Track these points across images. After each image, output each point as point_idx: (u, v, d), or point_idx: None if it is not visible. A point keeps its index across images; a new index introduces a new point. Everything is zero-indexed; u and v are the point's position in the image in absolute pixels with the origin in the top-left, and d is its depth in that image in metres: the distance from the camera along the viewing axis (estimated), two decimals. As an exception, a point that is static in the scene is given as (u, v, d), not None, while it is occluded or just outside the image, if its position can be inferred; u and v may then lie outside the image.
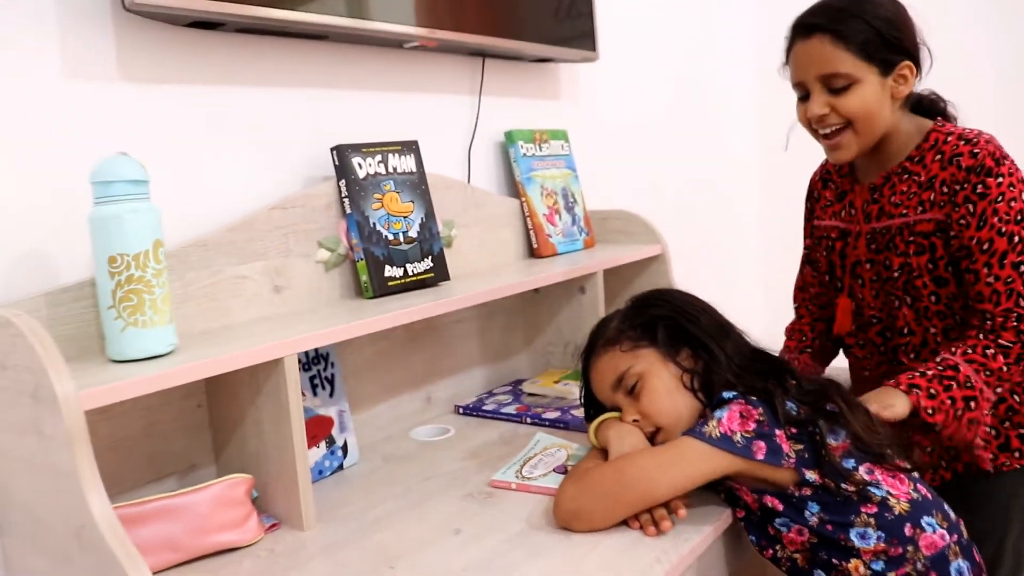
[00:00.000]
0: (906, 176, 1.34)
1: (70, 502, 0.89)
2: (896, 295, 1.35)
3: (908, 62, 1.30)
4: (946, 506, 1.13)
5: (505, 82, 1.87)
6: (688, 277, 2.01)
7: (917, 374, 1.23)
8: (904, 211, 1.33)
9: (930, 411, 1.20)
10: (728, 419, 1.08)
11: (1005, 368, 1.24)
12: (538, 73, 1.98)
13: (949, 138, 1.31)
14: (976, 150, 1.27)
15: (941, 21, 1.42)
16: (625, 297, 1.99)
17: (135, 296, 1.02)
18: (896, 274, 1.34)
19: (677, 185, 2.50)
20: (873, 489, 1.06)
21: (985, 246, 1.25)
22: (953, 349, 1.26)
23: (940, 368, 1.23)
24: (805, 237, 1.58)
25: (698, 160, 2.62)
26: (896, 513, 1.06)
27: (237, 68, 1.34)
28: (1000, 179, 1.25)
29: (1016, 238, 1.24)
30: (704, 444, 1.07)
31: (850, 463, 1.07)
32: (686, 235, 2.38)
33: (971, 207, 1.25)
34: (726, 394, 1.12)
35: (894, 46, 1.28)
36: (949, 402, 1.21)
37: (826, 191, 1.50)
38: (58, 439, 0.89)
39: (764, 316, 2.68)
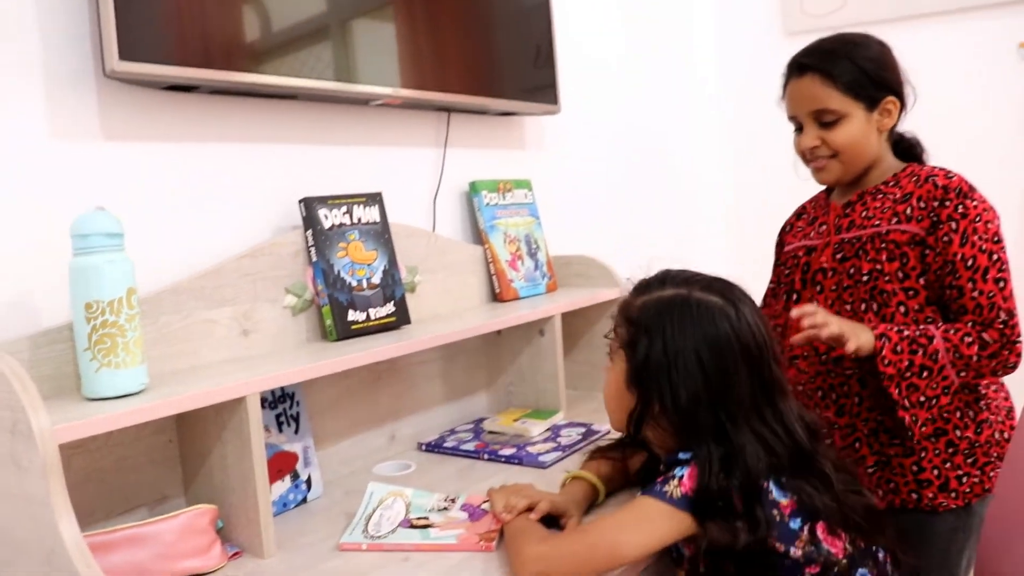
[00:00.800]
0: (880, 195, 1.44)
1: (43, 528, 0.98)
2: (862, 300, 1.40)
3: (892, 97, 1.42)
4: (877, 553, 1.15)
5: (470, 135, 1.98)
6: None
7: (895, 329, 1.32)
8: (876, 222, 1.41)
9: (886, 362, 1.30)
10: (688, 478, 1.09)
11: (975, 358, 1.32)
12: (503, 125, 2.09)
13: (924, 168, 1.44)
14: (951, 174, 1.39)
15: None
16: (586, 338, 2.11)
17: (109, 339, 1.11)
18: (864, 278, 1.40)
19: (640, 231, 2.61)
20: (816, 549, 1.08)
21: (969, 262, 1.33)
22: (938, 324, 1.35)
23: (916, 333, 1.32)
24: (772, 275, 1.66)
25: (660, 206, 2.73)
26: (835, 572, 1.08)
27: (211, 127, 1.45)
28: (975, 203, 1.35)
29: (994, 256, 1.34)
30: (665, 504, 1.08)
31: (796, 523, 1.08)
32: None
33: (954, 224, 1.34)
34: (682, 455, 1.12)
35: (879, 84, 1.41)
36: (906, 364, 1.30)
37: (799, 221, 1.60)
38: (34, 471, 0.97)
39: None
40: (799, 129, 1.47)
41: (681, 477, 1.09)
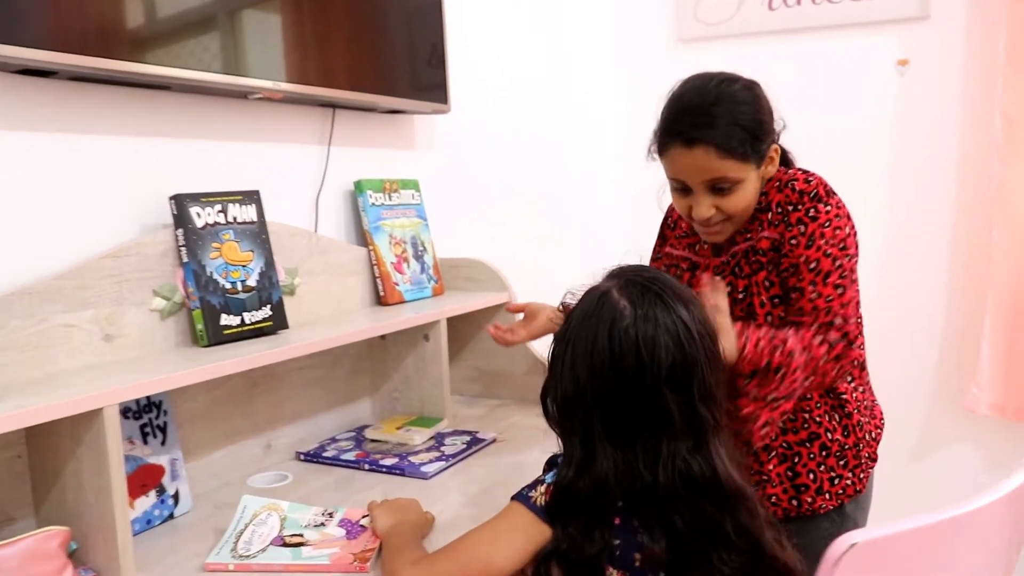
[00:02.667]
0: (755, 216, 1.40)
1: None
2: (738, 318, 1.37)
3: (775, 145, 1.38)
4: None
5: (356, 133, 1.92)
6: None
7: (758, 329, 1.31)
8: (748, 236, 1.40)
9: (748, 359, 1.28)
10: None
11: (822, 361, 1.31)
12: (390, 124, 2.04)
13: (788, 172, 1.41)
14: (810, 179, 1.38)
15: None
16: (473, 345, 2.08)
17: (-55, 347, 1.01)
18: (741, 296, 1.40)
19: (530, 235, 2.60)
20: None
21: (812, 265, 1.33)
22: (790, 329, 1.33)
23: (772, 335, 1.30)
24: (655, 255, 1.64)
25: (549, 210, 2.73)
26: None
27: (72, 116, 1.35)
28: (828, 208, 1.34)
29: (837, 261, 1.33)
30: (530, 513, 1.04)
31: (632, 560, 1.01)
32: (538, 282, 2.47)
33: (803, 228, 1.34)
34: (560, 456, 1.07)
35: (763, 138, 1.35)
36: (764, 363, 1.28)
37: (682, 222, 1.56)
38: None
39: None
40: (683, 190, 1.38)
41: (549, 484, 1.05)
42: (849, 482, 1.42)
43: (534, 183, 2.63)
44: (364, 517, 1.27)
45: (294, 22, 1.63)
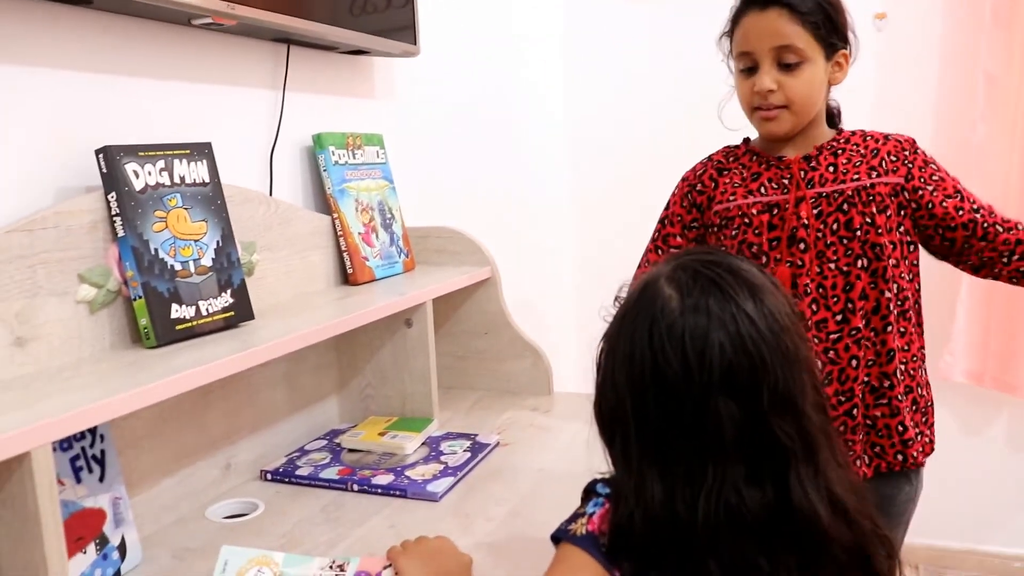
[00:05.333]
0: (840, 151, 1.35)
1: None
2: (857, 256, 1.30)
3: (844, 50, 1.33)
4: None
5: (314, 76, 1.58)
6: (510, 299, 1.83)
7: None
8: (855, 175, 1.32)
9: None
10: (599, 517, 0.84)
11: None
12: (351, 67, 1.70)
13: (869, 131, 1.39)
14: (899, 136, 1.37)
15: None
16: (448, 328, 1.79)
17: None
18: (858, 232, 1.30)
19: (497, 197, 2.31)
20: None
21: (959, 186, 1.35)
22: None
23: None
24: (684, 224, 1.46)
25: (513, 169, 2.44)
26: None
27: (-43, 38, 0.98)
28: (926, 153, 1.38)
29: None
30: (584, 554, 0.82)
31: None
32: (518, 252, 2.20)
33: (935, 167, 1.35)
34: (600, 487, 0.86)
35: (838, 31, 1.30)
36: None
37: (723, 178, 1.41)
38: None
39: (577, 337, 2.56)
40: (749, 70, 1.31)
41: (590, 515, 0.84)
42: (928, 440, 1.37)
43: (502, 138, 2.33)
44: (387, 568, 0.97)
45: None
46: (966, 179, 1.45)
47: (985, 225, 1.32)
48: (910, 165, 1.33)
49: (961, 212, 1.32)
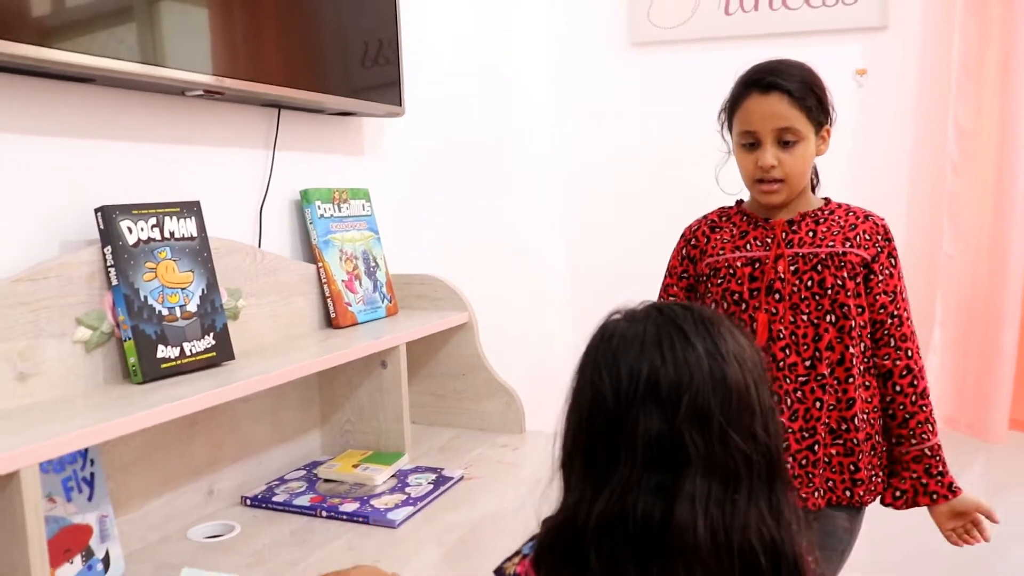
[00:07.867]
0: (822, 220, 1.51)
1: None
2: (826, 312, 1.47)
3: (828, 126, 1.50)
4: None
5: (303, 136, 1.74)
6: (494, 348, 1.96)
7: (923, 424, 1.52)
8: (831, 243, 1.48)
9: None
10: (531, 560, 0.86)
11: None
12: (340, 127, 1.86)
13: (852, 206, 1.55)
14: (876, 218, 1.54)
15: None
16: (429, 369, 1.92)
17: None
18: (828, 291, 1.47)
19: (486, 249, 2.45)
20: None
21: (904, 295, 1.54)
22: (914, 372, 1.53)
23: (924, 405, 1.55)
24: (678, 275, 1.64)
25: (505, 221, 2.57)
26: None
27: (-23, 113, 1.14)
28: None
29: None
30: None
31: None
32: (493, 300, 2.32)
33: (893, 260, 1.52)
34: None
35: (825, 110, 1.49)
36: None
37: (715, 234, 1.59)
38: None
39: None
40: (751, 146, 1.48)
41: (525, 556, 0.87)
42: (879, 482, 1.53)
43: (489, 193, 2.47)
44: None
45: (228, 14, 1.43)
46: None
47: (884, 332, 1.50)
48: (879, 249, 1.50)
49: (882, 310, 1.50)
